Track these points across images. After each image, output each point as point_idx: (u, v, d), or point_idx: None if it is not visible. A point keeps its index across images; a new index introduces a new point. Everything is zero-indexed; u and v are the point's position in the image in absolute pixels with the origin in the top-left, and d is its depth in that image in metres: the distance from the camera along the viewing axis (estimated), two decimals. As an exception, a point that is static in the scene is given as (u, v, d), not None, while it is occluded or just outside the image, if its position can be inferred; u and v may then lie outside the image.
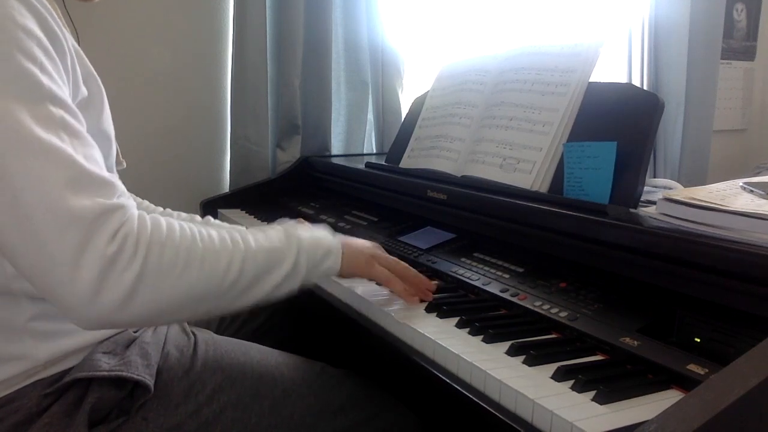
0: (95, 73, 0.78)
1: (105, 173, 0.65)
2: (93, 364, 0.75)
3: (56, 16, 0.69)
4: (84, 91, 0.74)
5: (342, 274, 0.85)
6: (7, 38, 0.62)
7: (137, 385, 0.76)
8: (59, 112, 0.64)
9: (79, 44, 0.77)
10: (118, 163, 0.86)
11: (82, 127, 0.67)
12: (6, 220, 0.60)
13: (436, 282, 0.96)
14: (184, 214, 1.20)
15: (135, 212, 0.66)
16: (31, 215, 0.59)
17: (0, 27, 0.62)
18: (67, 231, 0.59)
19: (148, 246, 0.64)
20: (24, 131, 0.60)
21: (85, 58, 0.77)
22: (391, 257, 0.93)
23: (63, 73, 0.68)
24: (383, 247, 1.17)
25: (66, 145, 0.62)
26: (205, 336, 0.92)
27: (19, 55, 0.62)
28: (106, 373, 0.74)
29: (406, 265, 0.93)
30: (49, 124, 0.62)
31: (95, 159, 0.66)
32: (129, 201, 0.67)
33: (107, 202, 0.63)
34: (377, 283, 0.97)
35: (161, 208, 1.19)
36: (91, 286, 0.60)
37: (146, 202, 1.20)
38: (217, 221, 1.21)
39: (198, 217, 1.22)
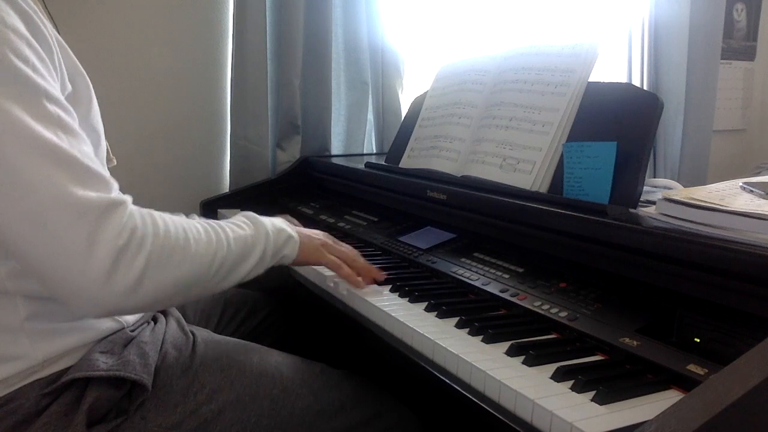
0: (82, 69, 0.79)
1: (100, 169, 0.68)
2: (91, 363, 0.75)
3: (38, 11, 0.70)
4: (69, 86, 0.74)
5: (295, 262, 0.92)
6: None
7: (135, 385, 0.76)
8: (55, 110, 0.65)
9: (59, 33, 0.76)
10: (108, 160, 0.87)
11: (75, 123, 0.68)
12: (16, 216, 0.62)
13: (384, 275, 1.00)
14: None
15: (134, 207, 0.69)
16: (42, 210, 0.62)
17: None
18: (78, 222, 0.62)
19: (151, 239, 0.68)
20: (26, 130, 0.62)
21: (71, 54, 0.77)
22: (343, 246, 0.99)
23: (52, 71, 0.69)
24: (383, 248, 1.18)
25: (64, 143, 0.64)
26: (204, 335, 0.92)
27: (12, 55, 0.63)
28: (103, 373, 0.74)
29: (357, 253, 1.00)
30: (47, 123, 0.64)
31: (89, 155, 0.68)
32: (129, 197, 0.70)
33: (110, 196, 0.66)
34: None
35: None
36: (100, 277, 0.64)
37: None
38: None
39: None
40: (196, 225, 0.77)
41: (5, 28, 0.63)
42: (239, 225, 0.84)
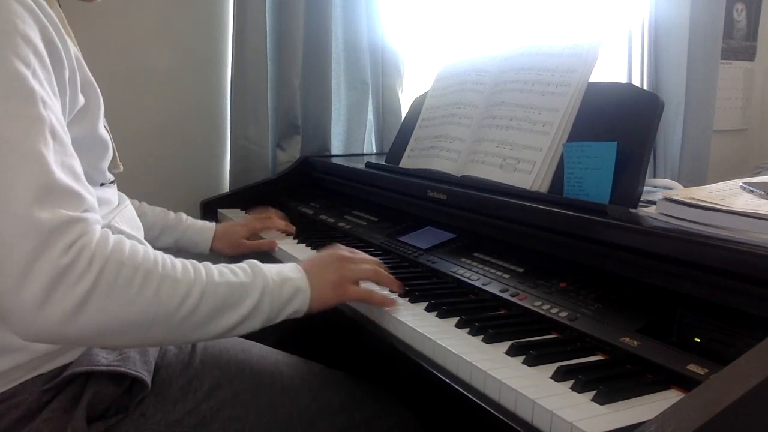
0: (93, 80, 0.79)
1: (76, 185, 0.65)
2: (91, 358, 0.75)
3: (60, 27, 0.70)
4: (81, 99, 0.75)
5: (310, 313, 0.81)
6: (5, 43, 0.63)
7: (135, 382, 0.77)
8: (47, 116, 0.64)
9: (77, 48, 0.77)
10: (114, 166, 0.87)
11: (66, 137, 0.67)
12: None
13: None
14: (157, 209, 1.25)
15: (98, 227, 0.65)
16: None
17: (1, 32, 0.63)
18: (22, 239, 0.59)
19: (104, 261, 0.63)
20: (3, 133, 0.61)
21: (85, 66, 0.78)
22: (360, 267, 0.87)
23: (55, 85, 0.68)
24: (383, 247, 1.18)
25: (45, 150, 0.63)
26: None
27: (14, 58, 0.63)
28: (104, 368, 0.74)
29: (376, 262, 0.91)
30: (32, 127, 0.62)
31: (73, 169, 0.66)
32: (94, 216, 0.66)
33: (69, 213, 0.62)
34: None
35: (137, 202, 1.22)
36: (38, 295, 0.59)
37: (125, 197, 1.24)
38: (188, 218, 1.28)
39: (172, 214, 1.26)
40: (175, 261, 0.70)
41: (16, 33, 0.64)
42: (233, 270, 0.75)
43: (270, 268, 0.79)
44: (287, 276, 0.79)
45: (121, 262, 0.64)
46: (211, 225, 1.28)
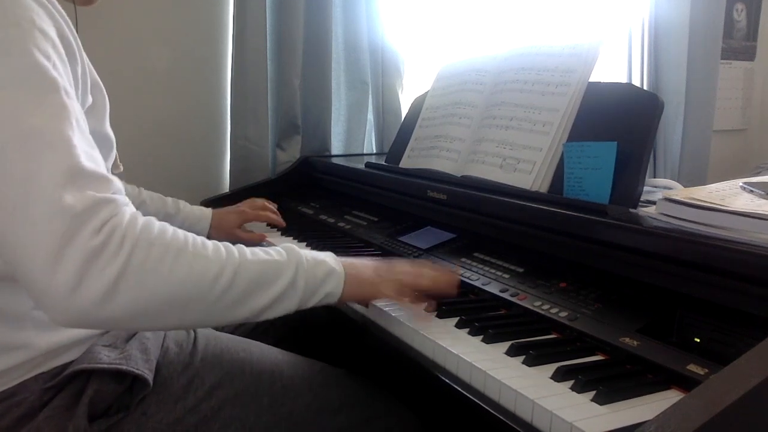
0: (99, 80, 0.80)
1: (102, 170, 0.66)
2: (93, 356, 0.75)
3: (71, 24, 0.72)
4: (90, 99, 0.76)
5: (343, 299, 0.80)
6: (25, 36, 0.64)
7: (136, 380, 0.77)
8: (70, 104, 0.65)
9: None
10: (115, 167, 0.87)
11: (86, 126, 0.69)
12: (1, 203, 0.60)
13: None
14: (155, 196, 1.29)
15: (127, 209, 0.65)
16: (22, 204, 0.59)
17: (19, 26, 0.64)
18: (53, 222, 0.59)
19: (135, 241, 0.62)
20: (30, 121, 0.61)
21: (92, 67, 0.79)
22: (398, 277, 0.85)
23: (71, 78, 0.69)
24: (383, 247, 1.18)
25: (72, 136, 0.63)
26: (206, 332, 0.92)
27: (35, 50, 0.64)
28: (105, 366, 0.74)
29: (416, 273, 0.86)
30: (57, 114, 0.63)
31: (94, 157, 0.67)
32: (122, 198, 0.66)
33: (98, 195, 0.62)
34: None
35: (136, 188, 1.27)
36: (71, 278, 0.59)
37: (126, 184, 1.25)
38: (185, 205, 1.32)
39: (169, 200, 1.30)
40: (206, 241, 0.70)
41: (33, 27, 0.65)
42: (266, 250, 0.75)
43: (304, 251, 0.78)
44: (321, 258, 0.79)
45: (150, 242, 0.63)
46: (208, 213, 1.33)
